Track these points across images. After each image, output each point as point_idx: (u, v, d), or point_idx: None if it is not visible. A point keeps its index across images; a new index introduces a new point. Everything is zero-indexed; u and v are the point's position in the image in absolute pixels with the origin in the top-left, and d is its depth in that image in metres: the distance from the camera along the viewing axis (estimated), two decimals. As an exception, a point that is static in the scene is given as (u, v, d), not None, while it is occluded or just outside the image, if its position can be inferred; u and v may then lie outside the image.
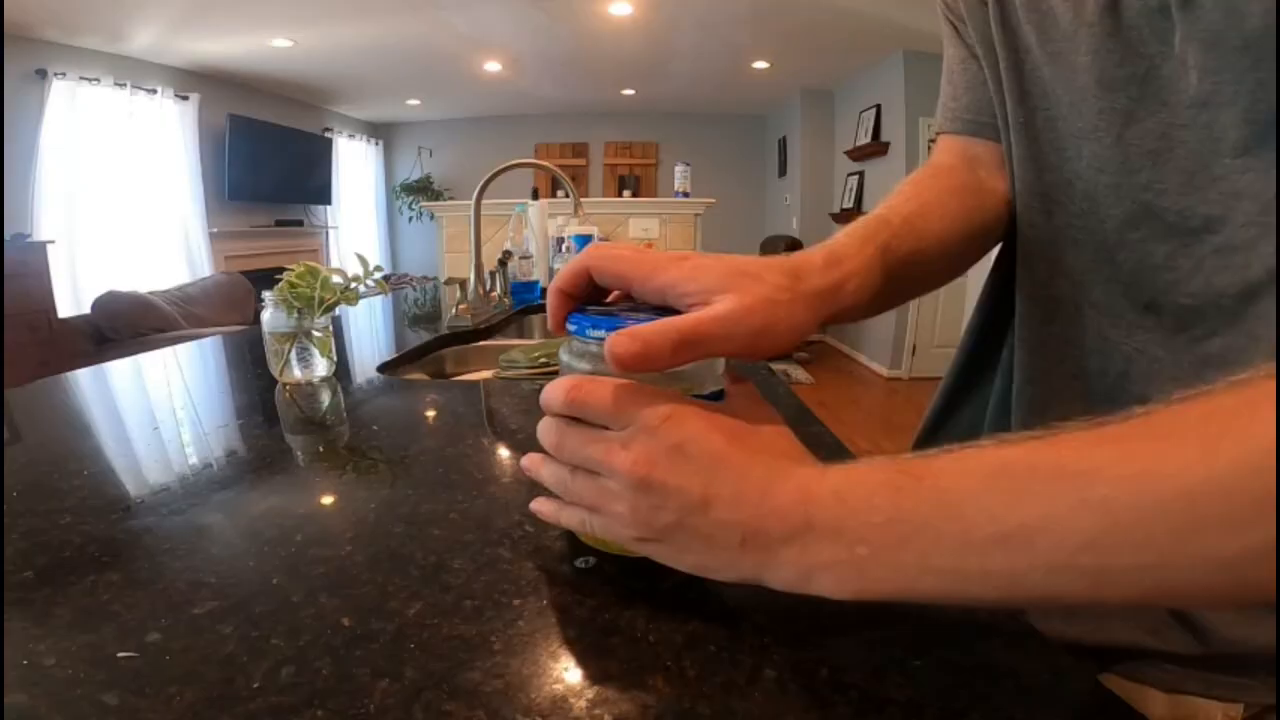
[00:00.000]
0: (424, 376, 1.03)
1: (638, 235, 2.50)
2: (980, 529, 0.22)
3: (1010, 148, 0.48)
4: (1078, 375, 0.46)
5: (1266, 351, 0.34)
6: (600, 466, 0.30)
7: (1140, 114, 0.38)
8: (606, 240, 2.35)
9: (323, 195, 5.92)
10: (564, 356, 0.35)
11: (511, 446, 0.58)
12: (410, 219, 6.96)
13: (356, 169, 6.53)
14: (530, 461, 0.35)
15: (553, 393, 0.31)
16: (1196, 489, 0.18)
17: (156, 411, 0.70)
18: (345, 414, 0.69)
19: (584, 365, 0.34)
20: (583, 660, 0.29)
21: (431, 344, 1.09)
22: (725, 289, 0.31)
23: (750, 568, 0.27)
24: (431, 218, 5.78)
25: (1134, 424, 0.21)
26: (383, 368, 0.90)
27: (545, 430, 0.32)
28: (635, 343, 0.28)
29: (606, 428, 0.30)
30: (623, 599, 0.33)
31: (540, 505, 0.35)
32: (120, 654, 0.29)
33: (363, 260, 0.87)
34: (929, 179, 0.52)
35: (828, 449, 0.56)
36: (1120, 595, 0.20)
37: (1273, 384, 0.18)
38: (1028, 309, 0.49)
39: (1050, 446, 0.22)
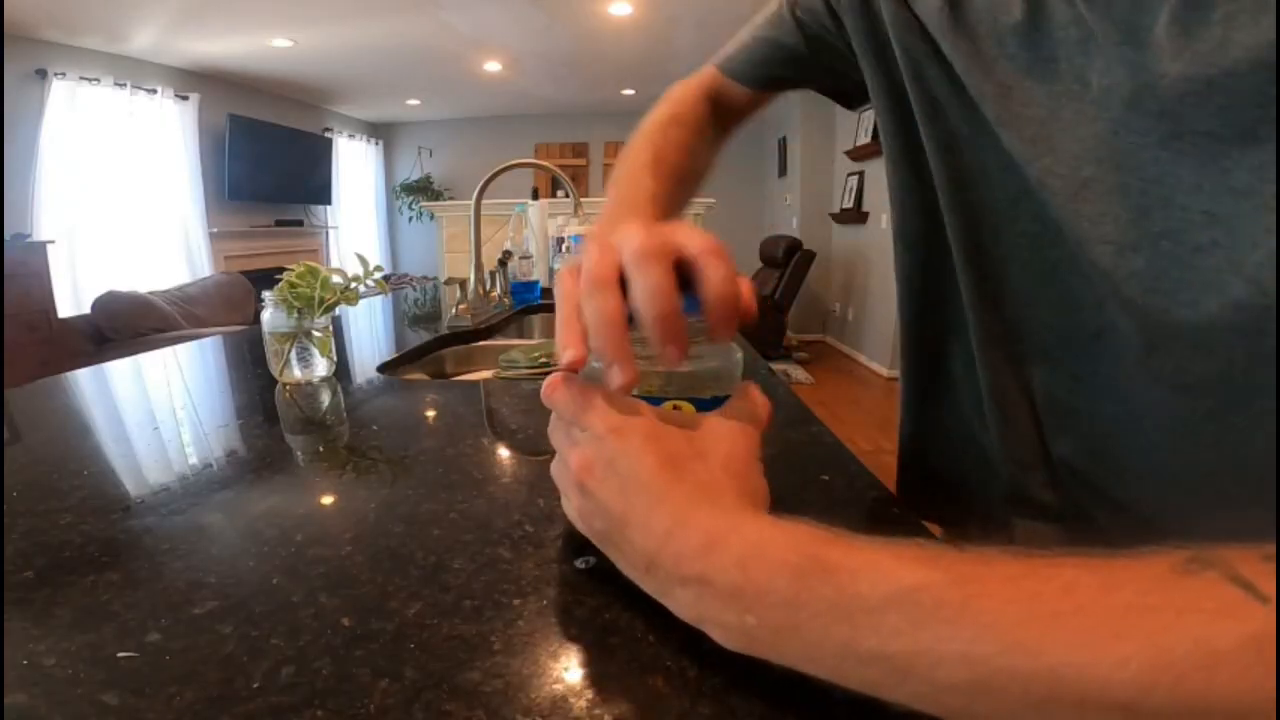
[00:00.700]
0: (424, 376, 1.03)
1: (638, 235, 2.50)
2: (865, 641, 0.22)
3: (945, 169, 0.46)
4: (1029, 394, 0.45)
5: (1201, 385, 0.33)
6: (561, 457, 0.33)
7: (1037, 154, 0.37)
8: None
9: (323, 195, 5.92)
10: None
11: (512, 446, 0.58)
12: (410, 219, 6.96)
13: (356, 169, 6.53)
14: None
15: (544, 390, 0.33)
16: (1084, 692, 0.19)
17: (156, 411, 0.70)
18: (345, 414, 0.69)
19: (598, 365, 0.34)
20: (583, 660, 0.29)
21: (431, 344, 1.09)
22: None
23: (653, 591, 0.29)
24: (431, 218, 5.78)
25: (1062, 590, 0.21)
26: (383, 368, 0.90)
27: (555, 427, 0.35)
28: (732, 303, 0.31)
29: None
30: (623, 599, 0.33)
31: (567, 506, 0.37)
32: (120, 654, 0.29)
33: (363, 260, 0.87)
34: (690, 115, 0.67)
35: (828, 449, 0.56)
36: None
37: (1216, 588, 0.19)
38: (981, 325, 0.47)
39: (965, 586, 0.22)
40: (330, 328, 0.78)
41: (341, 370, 0.84)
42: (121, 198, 4.02)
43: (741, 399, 0.35)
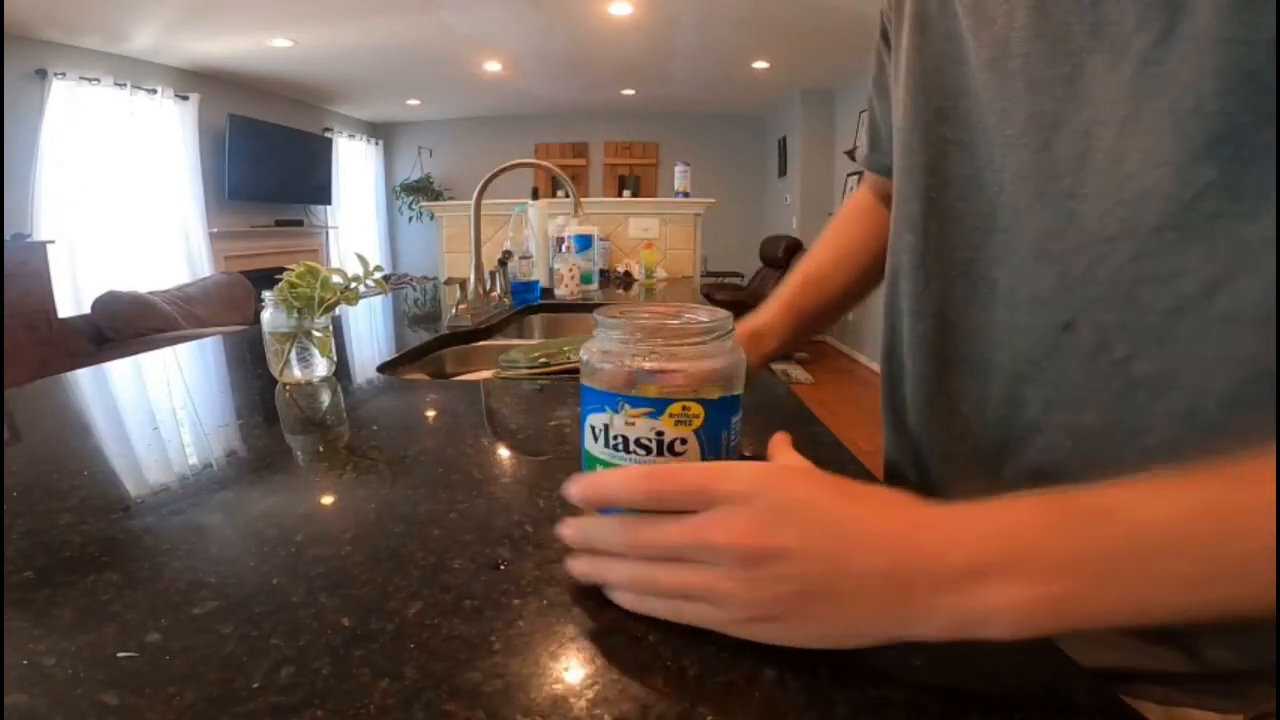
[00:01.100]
0: (424, 376, 1.03)
1: (637, 235, 2.50)
2: (1189, 566, 0.22)
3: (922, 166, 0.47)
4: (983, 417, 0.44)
5: (1198, 374, 0.33)
6: (694, 549, 0.27)
7: (1066, 116, 0.36)
8: (606, 241, 2.35)
9: (323, 195, 5.92)
10: (585, 355, 0.36)
11: (512, 446, 0.58)
12: (410, 219, 6.96)
13: (356, 169, 6.53)
14: (583, 567, 0.32)
15: (625, 487, 0.29)
16: None
17: (156, 411, 0.70)
18: (345, 414, 0.69)
19: (607, 365, 0.34)
20: (583, 660, 0.29)
21: (431, 344, 1.09)
22: None
23: (897, 621, 0.25)
24: (431, 218, 5.78)
25: None
26: (383, 368, 0.90)
27: (611, 528, 0.30)
28: None
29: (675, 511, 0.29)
30: (623, 599, 0.33)
31: (625, 599, 0.31)
32: (120, 654, 0.29)
33: (363, 260, 0.87)
34: (849, 225, 0.67)
35: (828, 449, 0.56)
36: None
37: None
38: (938, 327, 0.47)
39: (1241, 485, 0.23)
40: (330, 328, 0.78)
41: (341, 370, 0.84)
42: (121, 198, 4.01)
43: (783, 450, 0.37)
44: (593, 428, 0.36)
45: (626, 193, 6.35)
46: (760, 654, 0.29)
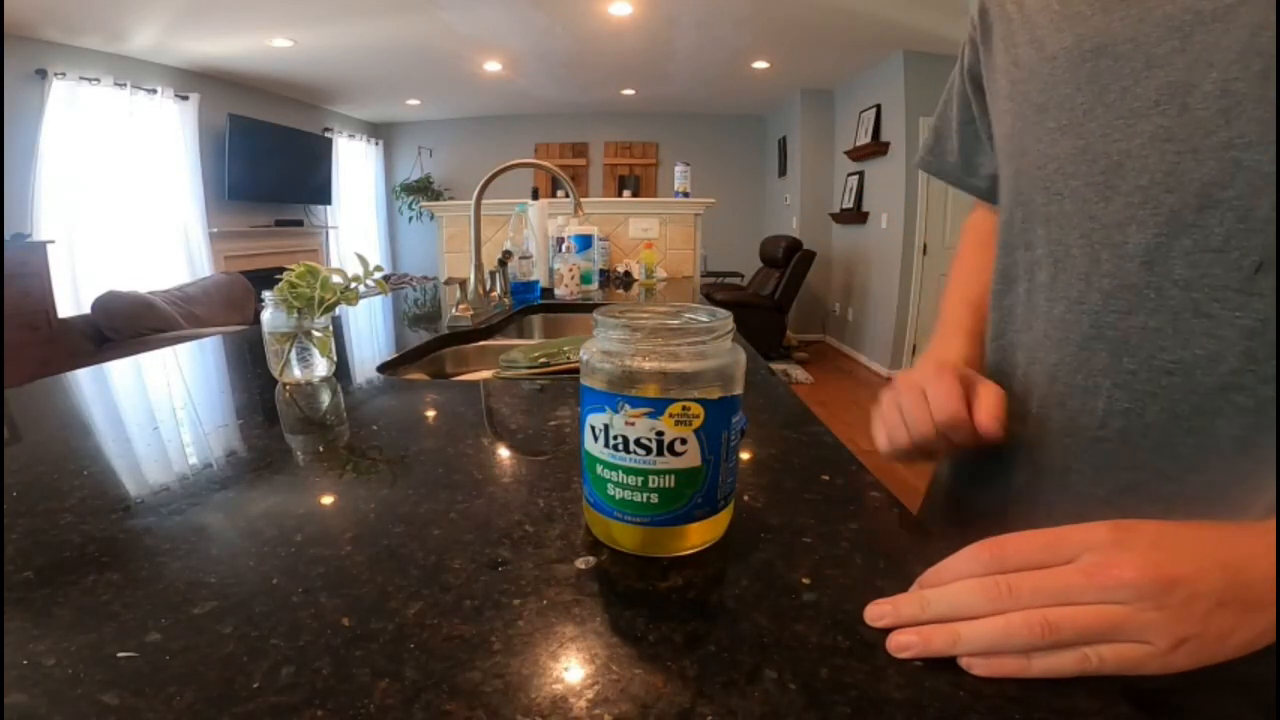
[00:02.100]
0: (424, 376, 1.03)
1: (638, 235, 2.50)
2: None
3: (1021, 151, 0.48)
4: (1174, 369, 0.40)
5: None
6: (1092, 590, 0.27)
7: (1197, 79, 0.37)
8: (606, 241, 2.35)
9: (323, 195, 5.92)
10: (585, 355, 0.36)
11: (512, 446, 0.58)
12: (410, 219, 6.96)
13: (356, 169, 6.53)
14: (914, 638, 0.29)
15: (963, 562, 0.31)
16: None
17: (156, 411, 0.70)
18: (345, 414, 0.69)
19: (607, 365, 0.34)
20: (583, 660, 0.29)
21: (431, 344, 1.09)
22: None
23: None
24: (431, 218, 5.77)
25: None
26: (383, 368, 0.90)
27: (965, 591, 0.30)
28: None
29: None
30: (623, 599, 0.33)
31: (998, 667, 0.28)
32: (120, 654, 0.29)
33: (363, 260, 0.87)
34: (985, 248, 0.63)
35: (828, 449, 0.56)
36: None
37: None
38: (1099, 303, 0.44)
39: None
40: (330, 328, 0.78)
41: (341, 370, 0.84)
42: (121, 198, 4.01)
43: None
44: (593, 428, 0.36)
45: (626, 193, 6.36)
46: (760, 654, 0.29)
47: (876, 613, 0.31)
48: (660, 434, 0.34)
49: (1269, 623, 0.27)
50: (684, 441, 0.34)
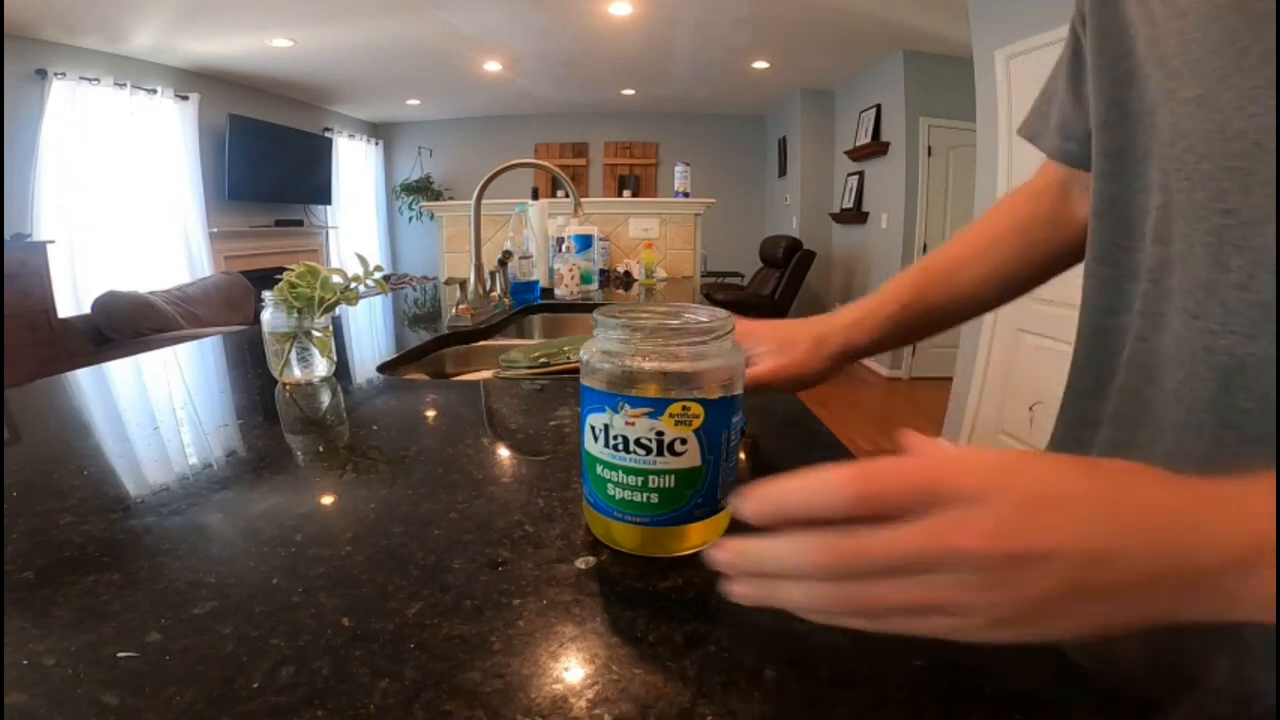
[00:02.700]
0: (424, 376, 1.03)
1: (638, 235, 2.50)
2: None
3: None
4: None
5: None
6: (930, 559, 0.24)
7: None
8: (606, 241, 2.35)
9: (323, 195, 5.92)
10: (585, 355, 0.36)
11: (511, 446, 0.58)
12: (410, 219, 6.96)
13: (356, 169, 6.53)
14: (751, 590, 0.27)
15: (826, 492, 0.25)
16: None
17: (156, 411, 0.70)
18: (345, 414, 0.69)
19: (607, 365, 0.34)
20: (583, 660, 0.29)
21: (431, 344, 1.09)
22: (769, 351, 0.53)
23: (1163, 609, 0.24)
24: (431, 218, 5.77)
25: None
26: (383, 368, 0.90)
27: (795, 549, 0.26)
28: None
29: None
30: (623, 599, 0.33)
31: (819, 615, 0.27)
32: (120, 654, 0.29)
33: (363, 260, 0.87)
34: (1010, 210, 0.58)
35: (828, 449, 0.56)
36: None
37: None
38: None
39: None
40: (330, 328, 0.78)
41: (341, 370, 0.84)
42: (121, 197, 4.01)
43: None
44: (593, 428, 0.36)
45: (626, 193, 6.36)
46: (760, 654, 0.29)
47: (714, 556, 0.27)
48: (660, 434, 0.34)
49: (1131, 610, 0.24)
50: (684, 441, 0.34)
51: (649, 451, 0.34)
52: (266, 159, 5.04)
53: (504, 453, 0.57)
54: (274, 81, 4.99)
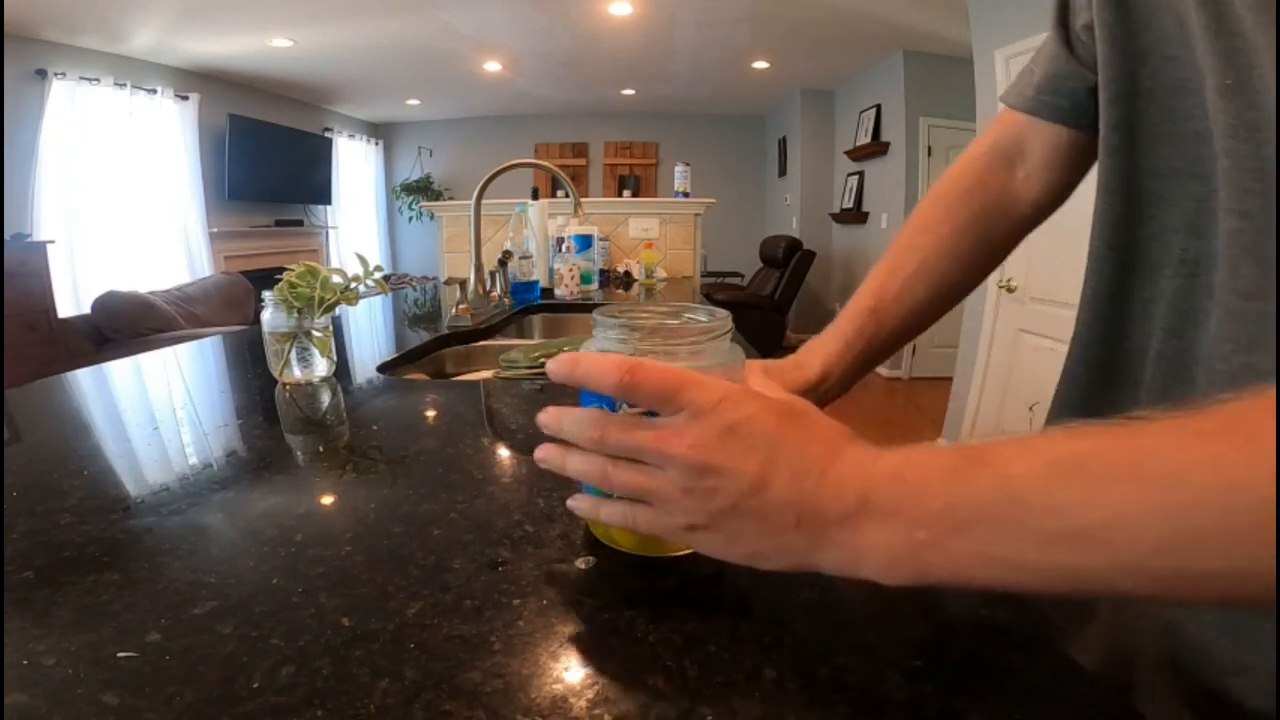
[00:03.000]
0: (424, 376, 1.03)
1: (638, 235, 2.50)
2: (1048, 522, 0.21)
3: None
4: None
5: None
6: (651, 454, 0.29)
7: None
8: (606, 241, 2.35)
9: (323, 195, 5.92)
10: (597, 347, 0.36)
11: (511, 446, 0.58)
12: (410, 219, 6.96)
13: (356, 169, 6.53)
14: (548, 453, 0.33)
15: (598, 372, 0.30)
16: None
17: (156, 411, 0.70)
18: (345, 414, 0.69)
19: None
20: (583, 660, 0.29)
21: (431, 344, 1.09)
22: None
23: (802, 550, 0.27)
24: (431, 218, 5.77)
25: (1222, 418, 0.20)
26: (383, 368, 0.90)
27: (583, 421, 0.31)
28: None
29: (649, 415, 0.30)
30: (623, 599, 0.33)
31: (578, 502, 0.34)
32: (120, 654, 0.29)
33: (363, 260, 0.87)
34: (964, 201, 0.54)
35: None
36: (1192, 597, 0.20)
37: None
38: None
39: (1129, 441, 0.21)
40: (330, 328, 0.78)
41: (341, 370, 0.84)
42: (121, 198, 4.01)
43: (766, 384, 0.35)
44: None
45: (626, 193, 6.36)
46: (760, 654, 0.29)
47: (538, 417, 0.33)
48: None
49: (778, 543, 0.27)
50: None
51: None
52: (266, 159, 5.04)
53: (504, 453, 0.57)
54: (274, 81, 4.99)
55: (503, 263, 1.52)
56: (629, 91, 5.64)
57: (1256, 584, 0.18)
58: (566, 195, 1.38)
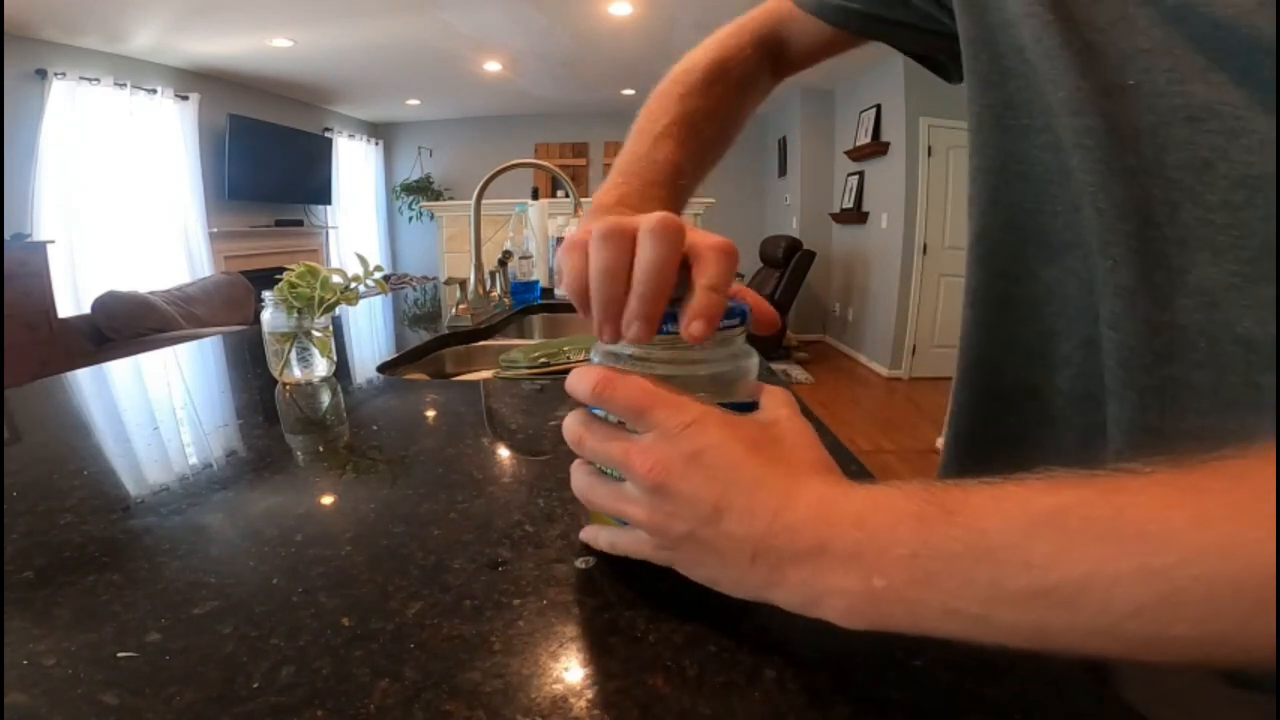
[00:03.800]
0: (424, 376, 1.03)
1: (638, 235, 2.50)
2: (1015, 579, 0.20)
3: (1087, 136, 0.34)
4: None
5: None
6: (619, 467, 0.29)
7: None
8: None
9: (323, 195, 5.92)
10: (593, 355, 0.35)
11: (511, 446, 0.58)
12: (410, 219, 6.96)
13: (356, 169, 6.53)
14: (573, 471, 0.34)
15: (580, 380, 0.30)
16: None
17: (156, 411, 0.70)
18: (345, 414, 0.69)
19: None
20: (583, 660, 0.29)
21: (431, 344, 1.09)
22: None
23: (757, 585, 0.26)
24: (431, 218, 5.77)
25: (1218, 475, 0.19)
26: (383, 368, 0.90)
27: (570, 423, 0.32)
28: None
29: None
30: (623, 599, 0.33)
31: (586, 533, 0.36)
32: (120, 654, 0.29)
33: (363, 260, 0.87)
34: (742, 62, 0.58)
35: (828, 449, 0.56)
36: (1165, 660, 0.19)
37: None
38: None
39: (1110, 497, 0.20)
40: (330, 328, 0.78)
41: (341, 370, 0.84)
42: (121, 198, 4.01)
43: (773, 393, 0.33)
44: None
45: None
46: (760, 654, 0.29)
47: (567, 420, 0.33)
48: None
49: (736, 575, 0.27)
50: None
51: None
52: (266, 159, 5.04)
53: (504, 453, 0.57)
54: (274, 81, 4.99)
55: (503, 263, 1.52)
56: (629, 91, 5.64)
57: (1240, 652, 0.18)
58: (566, 195, 1.38)
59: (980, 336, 0.45)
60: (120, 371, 0.86)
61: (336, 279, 0.77)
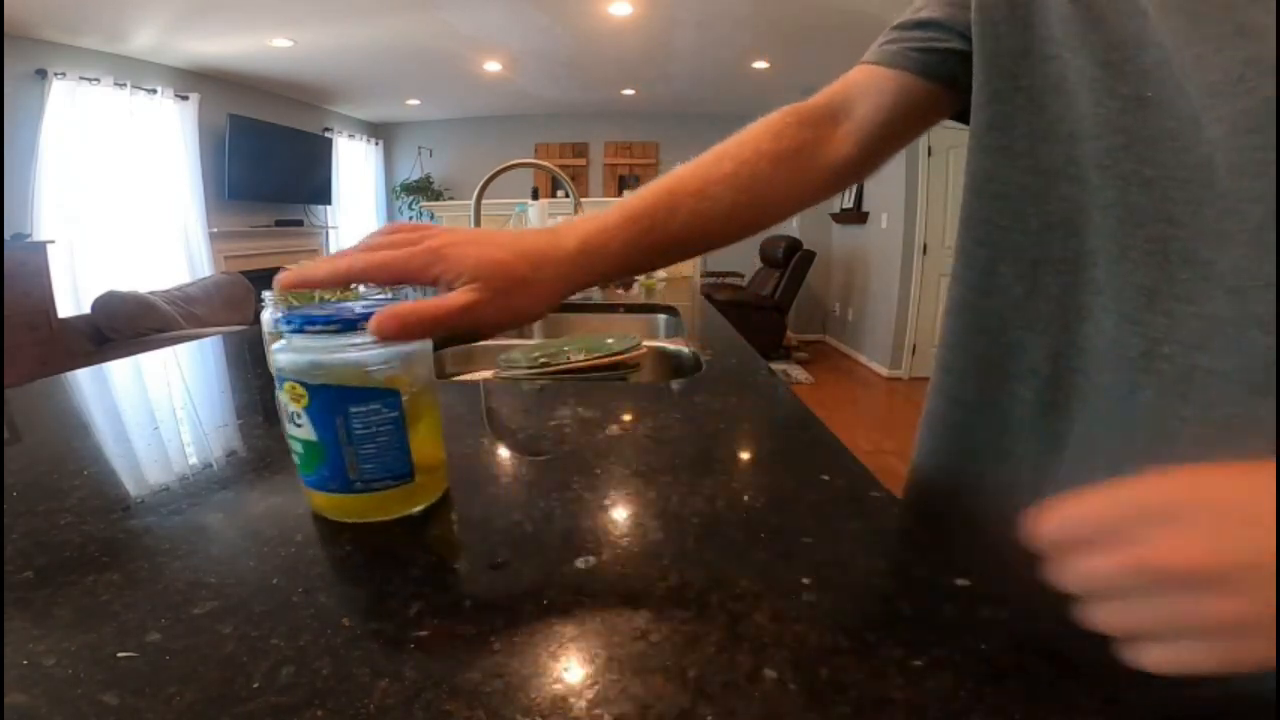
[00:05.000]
0: (424, 376, 1.03)
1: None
2: None
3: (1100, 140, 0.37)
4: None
5: None
6: (1142, 576, 0.22)
7: None
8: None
9: (323, 195, 5.92)
10: (284, 358, 0.40)
11: (511, 446, 0.58)
12: (410, 219, 6.96)
13: (356, 169, 6.53)
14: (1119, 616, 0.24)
15: (1105, 570, 0.23)
16: None
17: (156, 411, 0.70)
18: (345, 414, 0.69)
19: (306, 358, 0.40)
20: (583, 660, 0.29)
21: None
22: (475, 277, 0.38)
23: None
24: (432, 217, 5.78)
25: None
26: (383, 368, 0.89)
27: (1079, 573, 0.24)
28: (395, 320, 0.35)
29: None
30: (623, 599, 0.33)
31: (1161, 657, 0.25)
32: (120, 654, 0.29)
33: (363, 260, 0.87)
34: (775, 134, 0.55)
35: (828, 449, 0.56)
36: None
37: None
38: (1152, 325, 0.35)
39: None
40: (330, 328, 0.78)
41: (341, 370, 0.84)
42: (121, 198, 4.01)
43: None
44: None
45: (627, 193, 6.32)
46: (760, 654, 0.29)
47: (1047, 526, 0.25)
48: (288, 406, 0.40)
49: None
50: (299, 416, 0.39)
51: (290, 421, 0.40)
52: (266, 159, 5.04)
53: (504, 453, 0.57)
54: (274, 81, 4.99)
55: (503, 263, 1.52)
56: (629, 91, 5.64)
57: None
58: (566, 195, 1.38)
59: (952, 345, 0.48)
60: (120, 371, 0.86)
61: (336, 279, 0.77)
